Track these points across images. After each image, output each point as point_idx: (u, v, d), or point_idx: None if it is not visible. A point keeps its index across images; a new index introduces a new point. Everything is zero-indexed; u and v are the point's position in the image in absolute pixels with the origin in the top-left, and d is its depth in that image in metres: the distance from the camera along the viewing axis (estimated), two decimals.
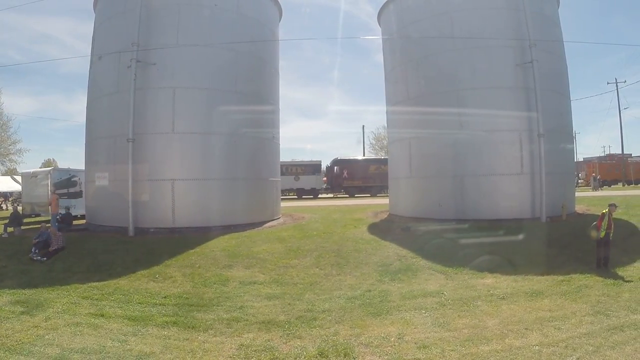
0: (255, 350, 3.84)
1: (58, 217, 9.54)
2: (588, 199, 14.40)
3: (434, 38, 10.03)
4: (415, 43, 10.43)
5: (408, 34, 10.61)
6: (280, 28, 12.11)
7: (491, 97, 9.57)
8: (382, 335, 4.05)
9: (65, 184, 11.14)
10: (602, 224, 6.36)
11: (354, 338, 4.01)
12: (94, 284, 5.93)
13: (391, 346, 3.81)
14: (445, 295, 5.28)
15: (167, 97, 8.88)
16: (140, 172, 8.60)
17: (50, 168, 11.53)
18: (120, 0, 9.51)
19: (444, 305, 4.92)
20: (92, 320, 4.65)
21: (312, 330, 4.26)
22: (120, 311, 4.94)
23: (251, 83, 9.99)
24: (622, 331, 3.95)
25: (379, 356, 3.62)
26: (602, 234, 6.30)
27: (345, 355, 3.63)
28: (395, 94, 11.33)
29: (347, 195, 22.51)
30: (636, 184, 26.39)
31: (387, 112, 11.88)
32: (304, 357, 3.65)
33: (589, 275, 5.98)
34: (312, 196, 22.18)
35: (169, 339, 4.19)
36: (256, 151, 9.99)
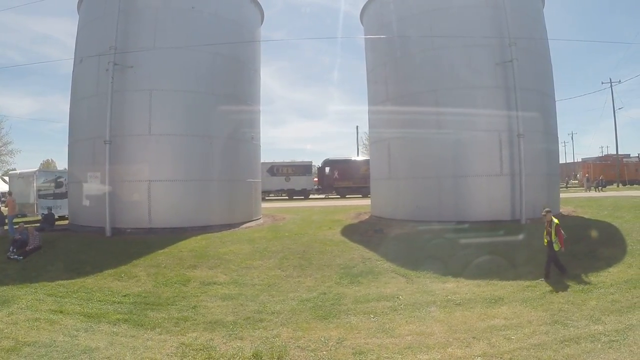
0: (194, 349, 4.06)
1: (42, 216, 9.95)
2: (577, 200, 14.25)
3: (413, 37, 10.11)
4: (395, 42, 10.52)
5: (388, 33, 10.69)
6: (263, 29, 12.34)
7: (470, 96, 9.61)
8: (322, 339, 4.15)
9: (52, 184, 11.60)
10: (552, 234, 5.99)
11: (293, 341, 4.15)
12: (62, 282, 6.26)
13: (327, 351, 3.90)
14: (400, 299, 5.37)
15: (143, 99, 9.20)
16: (118, 174, 8.96)
17: (35, 169, 12.09)
18: (100, 4, 9.86)
19: (395, 310, 4.97)
20: (51, 316, 4.96)
21: (255, 332, 4.45)
22: (79, 308, 5.25)
23: (229, 85, 10.24)
24: (577, 343, 3.77)
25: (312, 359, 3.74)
26: (556, 246, 6.03)
27: (278, 358, 3.77)
28: (376, 94, 11.44)
29: (339, 196, 22.68)
30: (632, 184, 26.00)
31: (368, 113, 11.99)
32: (239, 358, 3.83)
33: (558, 281, 5.90)
34: (303, 197, 22.42)
35: (117, 335, 4.47)
36: (233, 152, 10.24)
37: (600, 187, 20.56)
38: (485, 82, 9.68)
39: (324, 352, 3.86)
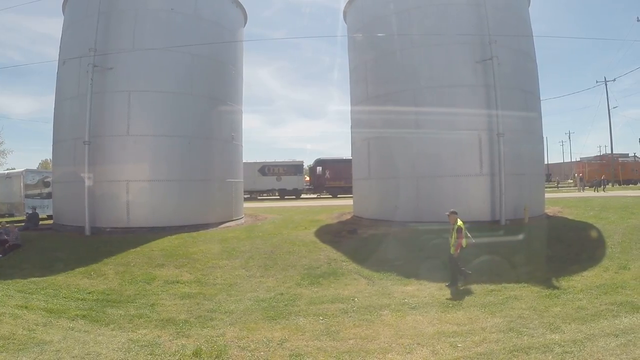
0: (139, 346, 4.30)
1: (26, 216, 10.40)
2: (566, 200, 14.12)
3: (392, 36, 10.19)
4: (375, 41, 10.61)
5: (368, 32, 10.78)
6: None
7: (449, 95, 9.66)
8: (265, 339, 4.25)
9: (39, 184, 12.08)
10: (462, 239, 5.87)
11: (236, 341, 4.27)
12: (34, 279, 6.61)
13: (265, 351, 3.98)
14: (355, 301, 5.45)
15: (122, 100, 9.52)
16: (97, 174, 9.32)
17: (23, 169, 12.61)
18: (82, 6, 10.21)
19: (347, 312, 5.03)
20: (16, 311, 5.29)
21: (202, 331, 4.66)
22: (44, 304, 5.57)
23: (208, 85, 10.50)
24: (527, 354, 3.63)
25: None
26: (452, 249, 5.95)
27: (216, 357, 3.88)
28: (357, 94, 11.56)
29: (330, 196, 22.84)
30: (627, 184, 25.59)
31: (350, 113, 12.10)
32: (179, 356, 4.00)
33: (525, 284, 5.84)
34: (294, 197, 22.67)
35: (72, 330, 4.76)
36: (213, 153, 10.51)
37: (601, 187, 20.26)
38: (464, 80, 9.71)
39: (262, 353, 3.99)
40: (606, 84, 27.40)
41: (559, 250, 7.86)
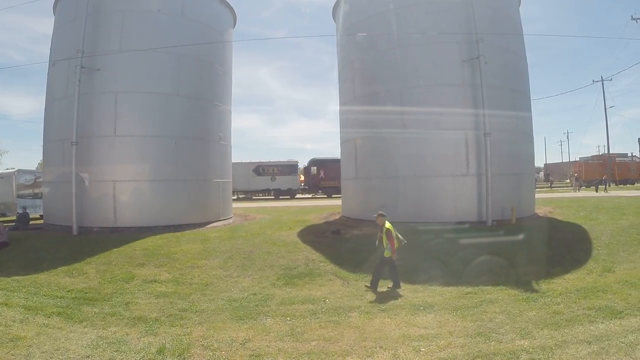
0: (107, 342, 4.47)
1: (16, 215, 10.72)
2: (559, 200, 14.07)
3: (379, 35, 10.28)
4: (362, 41, 10.70)
5: (355, 31, 10.86)
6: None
7: (436, 95, 9.72)
8: (229, 339, 4.33)
9: (31, 184, 12.42)
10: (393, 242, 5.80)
11: (201, 340, 4.37)
12: (18, 277, 6.86)
13: (227, 351, 4.07)
14: (326, 303, 5.48)
15: (109, 101, 9.76)
16: (85, 174, 9.55)
17: (15, 169, 12.97)
18: (71, 8, 10.47)
19: (315, 313, 5.09)
20: None
21: (171, 329, 4.80)
22: (24, 301, 5.80)
23: (195, 86, 10.70)
24: None
25: (208, 359, 3.96)
26: (387, 253, 5.85)
27: (178, 355, 3.97)
28: (345, 93, 11.66)
29: (325, 196, 22.97)
30: (624, 184, 25.30)
31: (339, 112, 12.21)
32: (144, 353, 4.14)
33: (502, 287, 5.81)
34: (289, 197, 22.85)
35: (46, 326, 4.97)
36: (199, 153, 10.71)
37: (603, 187, 20.07)
38: (451, 79, 9.77)
39: (223, 352, 4.08)
40: (603, 83, 27.32)
41: (543, 251, 7.84)
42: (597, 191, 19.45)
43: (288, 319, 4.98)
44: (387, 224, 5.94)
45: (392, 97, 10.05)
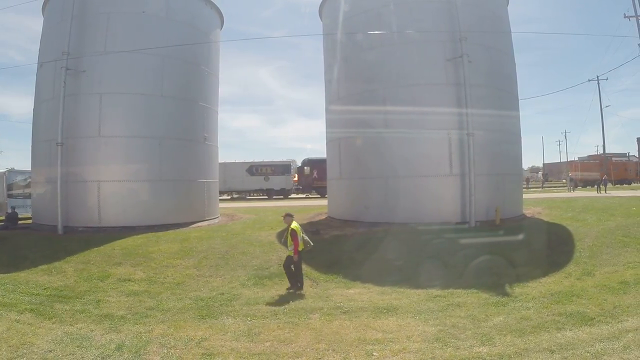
0: (71, 338, 4.72)
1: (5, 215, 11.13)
2: (550, 200, 13.99)
3: (363, 35, 10.38)
4: (346, 40, 10.82)
5: (339, 31, 10.98)
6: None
7: (419, 94, 9.82)
8: (187, 338, 4.50)
9: (22, 184, 12.87)
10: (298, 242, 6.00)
11: (160, 338, 4.56)
12: None
13: (181, 349, 4.23)
14: (289, 303, 5.60)
15: (94, 102, 10.08)
16: (70, 174, 9.92)
17: (5, 170, 13.43)
18: (57, 10, 10.81)
19: (277, 314, 5.22)
20: None
21: (134, 327, 5.02)
22: (0, 298, 6.09)
23: (180, 87, 10.96)
24: None
25: (162, 356, 4.10)
26: (290, 252, 6.08)
27: (135, 352, 4.18)
28: (330, 93, 11.82)
29: (319, 196, 23.13)
30: (621, 184, 24.91)
31: (325, 112, 12.33)
32: (104, 349, 4.36)
33: (474, 290, 5.82)
34: (282, 197, 23.08)
35: (18, 322, 5.25)
36: (184, 153, 10.98)
37: (603, 187, 19.85)
38: (435, 79, 9.84)
39: (178, 350, 4.25)
40: (598, 82, 27.20)
41: (524, 253, 7.85)
42: (598, 191, 19.24)
43: (249, 319, 5.11)
44: (293, 225, 6.16)
45: (375, 97, 10.16)
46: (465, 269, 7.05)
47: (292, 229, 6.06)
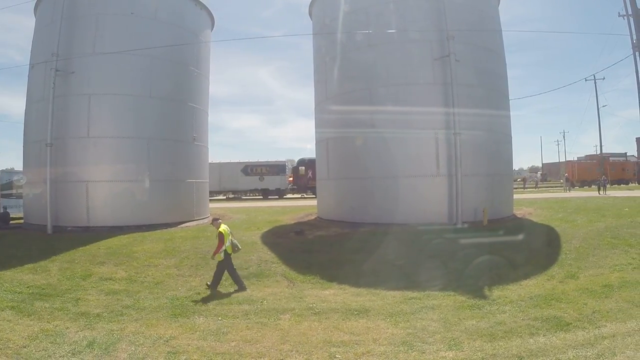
0: (46, 335, 4.94)
1: None
2: (543, 201, 13.94)
3: (350, 34, 10.46)
4: (333, 40, 10.93)
5: (328, 30, 11.09)
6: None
7: (406, 94, 9.90)
8: (156, 336, 4.66)
9: (14, 184, 13.21)
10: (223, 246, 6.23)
11: (130, 335, 4.74)
12: None
13: (148, 347, 4.39)
14: (263, 304, 5.71)
15: (83, 103, 10.34)
16: (59, 174, 10.20)
17: None
18: (48, 11, 11.09)
19: (248, 314, 5.32)
20: None
21: (108, 325, 5.20)
22: None
23: (168, 87, 11.18)
24: None
25: (129, 354, 4.27)
26: (219, 256, 6.27)
27: (105, 349, 4.38)
28: (319, 93, 11.95)
29: (314, 196, 23.22)
30: (618, 184, 24.65)
31: (314, 112, 12.45)
32: (75, 345, 4.55)
33: (452, 293, 5.81)
34: (277, 197, 23.26)
35: None
36: (172, 154, 11.20)
37: (603, 188, 19.68)
38: (422, 78, 9.91)
39: (145, 348, 4.42)
40: (595, 82, 27.34)
41: (508, 255, 7.85)
42: (599, 192, 19.07)
43: (219, 318, 5.22)
44: (221, 228, 6.39)
45: (362, 97, 10.27)
46: (446, 270, 7.09)
47: (220, 232, 6.30)
